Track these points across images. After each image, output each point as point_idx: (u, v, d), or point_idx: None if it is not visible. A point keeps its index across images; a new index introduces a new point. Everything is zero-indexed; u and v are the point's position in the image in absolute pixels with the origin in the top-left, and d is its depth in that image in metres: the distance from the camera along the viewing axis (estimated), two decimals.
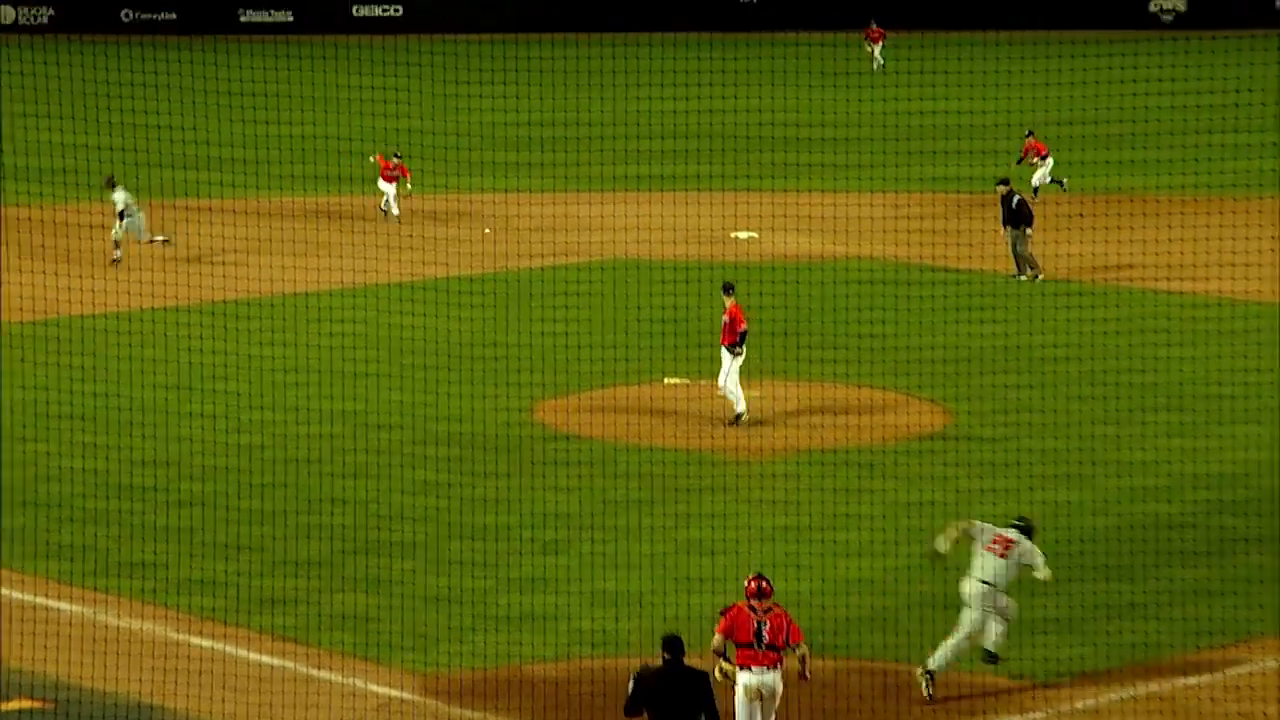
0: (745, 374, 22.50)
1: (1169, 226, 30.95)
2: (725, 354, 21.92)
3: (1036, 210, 32.38)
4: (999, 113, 35.90)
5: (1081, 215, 33.61)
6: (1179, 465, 20.51)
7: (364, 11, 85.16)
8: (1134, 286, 30.32)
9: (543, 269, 32.25)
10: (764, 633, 13.13)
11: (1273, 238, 28.18)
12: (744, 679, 13.16)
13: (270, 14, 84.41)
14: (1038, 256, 31.19)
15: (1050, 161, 37.92)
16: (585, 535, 18.48)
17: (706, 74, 35.87)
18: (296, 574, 17.62)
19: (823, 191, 37.99)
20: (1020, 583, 15.52)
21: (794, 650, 13.30)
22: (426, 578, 17.47)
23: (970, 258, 31.42)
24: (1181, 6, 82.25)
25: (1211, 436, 21.64)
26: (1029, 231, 31.14)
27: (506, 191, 39.07)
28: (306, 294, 28.76)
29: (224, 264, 30.04)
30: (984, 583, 15.05)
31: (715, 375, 22.70)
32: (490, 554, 18.08)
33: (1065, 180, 37.76)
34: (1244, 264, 27.61)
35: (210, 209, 36.95)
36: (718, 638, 13.31)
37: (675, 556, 18.00)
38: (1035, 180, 38.03)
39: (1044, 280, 30.58)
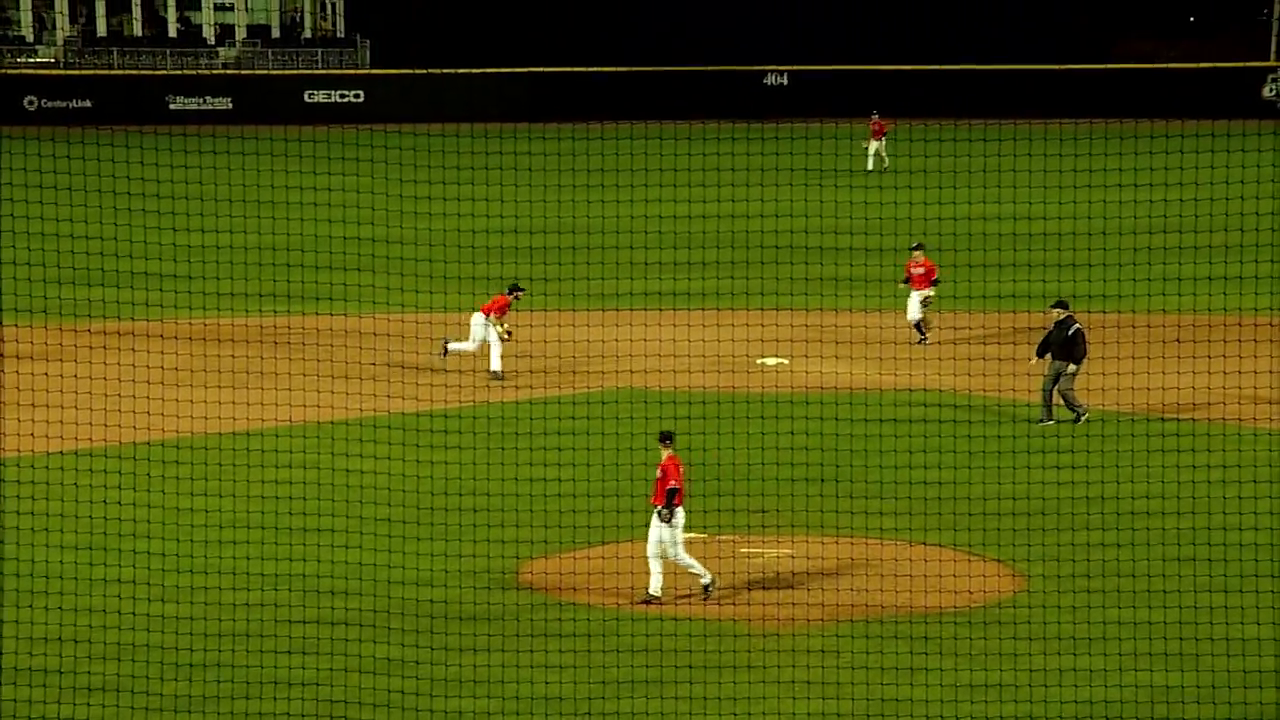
0: (775, 528, 22.55)
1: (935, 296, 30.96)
2: (654, 520, 21.77)
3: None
4: (1075, 218, 36.44)
5: (1179, 340, 33.92)
6: None
7: (318, 97, 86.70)
8: (1244, 427, 30.52)
9: (531, 403, 32.50)
10: None
11: None
12: None
13: (205, 100, 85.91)
14: (1083, 393, 31.27)
15: (932, 290, 37.17)
16: None
17: (726, 171, 36.48)
18: None
19: (865, 310, 38.41)
20: None
21: None
22: None
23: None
24: None
25: None
26: (1074, 370, 31.26)
27: None
28: (246, 434, 28.98)
29: (145, 398, 30.37)
30: None
31: (735, 527, 22.72)
32: None
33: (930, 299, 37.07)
34: None
35: (131, 333, 37.34)
36: None
37: None
38: (912, 314, 37.08)
39: (1089, 421, 30.78)
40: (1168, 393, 31.97)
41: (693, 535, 24.42)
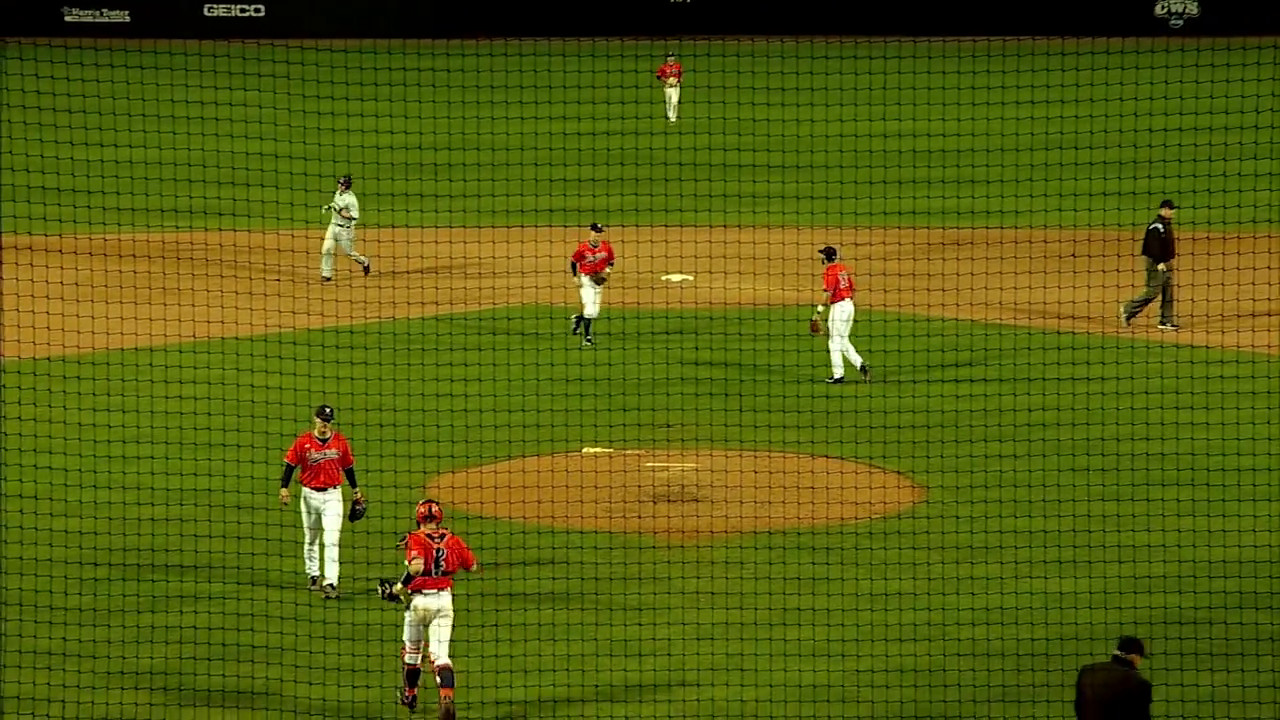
0: (680, 442, 22.51)
1: (1177, 269, 31.62)
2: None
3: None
4: (973, 135, 36.62)
5: (1074, 255, 34.25)
6: (1193, 551, 20.91)
7: (218, 11, 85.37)
8: (1136, 339, 30.92)
9: (436, 319, 32.37)
10: (440, 560, 16.79)
11: None
12: (418, 601, 16.67)
13: (102, 13, 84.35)
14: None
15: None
16: (488, 634, 18.57)
17: (630, 88, 36.30)
18: (137, 687, 17.54)
19: (768, 227, 38.52)
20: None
21: (470, 572, 17.05)
22: (297, 688, 17.47)
23: (943, 305, 31.93)
24: (1194, 10, 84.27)
25: (1230, 516, 22.08)
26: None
27: (393, 227, 39.24)
28: (150, 349, 28.71)
29: (46, 314, 30.00)
30: None
31: (640, 441, 22.74)
32: (374, 659, 18.11)
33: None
34: (1265, 313, 28.23)
35: (30, 248, 36.77)
36: (417, 562, 16.58)
37: (595, 659, 18.12)
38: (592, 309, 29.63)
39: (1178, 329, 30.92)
40: (1062, 306, 32.32)
41: (598, 450, 24.49)
